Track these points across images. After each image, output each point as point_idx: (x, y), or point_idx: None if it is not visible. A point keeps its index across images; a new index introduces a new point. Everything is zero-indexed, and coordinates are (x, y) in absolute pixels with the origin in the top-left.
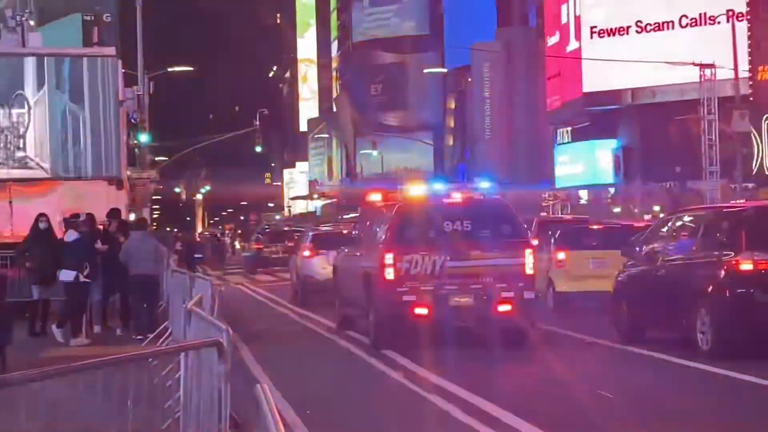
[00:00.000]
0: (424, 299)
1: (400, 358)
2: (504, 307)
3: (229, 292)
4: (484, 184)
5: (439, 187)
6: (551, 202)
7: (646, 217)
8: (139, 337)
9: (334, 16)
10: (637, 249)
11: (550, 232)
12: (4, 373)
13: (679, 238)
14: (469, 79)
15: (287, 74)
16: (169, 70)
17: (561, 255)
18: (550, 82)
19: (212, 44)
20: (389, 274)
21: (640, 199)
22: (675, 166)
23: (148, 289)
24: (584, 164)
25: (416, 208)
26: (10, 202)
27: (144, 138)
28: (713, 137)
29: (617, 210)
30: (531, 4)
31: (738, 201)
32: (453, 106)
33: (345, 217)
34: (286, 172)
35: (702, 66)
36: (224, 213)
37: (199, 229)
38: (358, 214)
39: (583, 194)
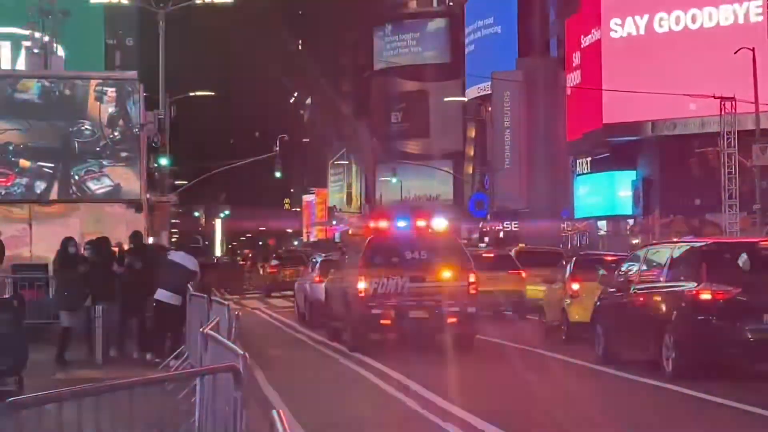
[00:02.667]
0: (389, 313)
1: (414, 384)
2: (451, 320)
3: (245, 317)
4: (440, 222)
5: (402, 223)
6: (570, 233)
7: None
8: (156, 360)
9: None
10: (614, 278)
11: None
12: (21, 395)
13: (649, 269)
14: (490, 108)
15: (308, 100)
16: (191, 94)
17: (575, 285)
18: (570, 112)
19: (233, 69)
20: (361, 292)
21: (659, 231)
22: (695, 199)
23: (173, 317)
24: (603, 195)
25: (384, 240)
26: (30, 223)
27: (164, 161)
28: (733, 170)
29: (636, 241)
30: (552, 34)
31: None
32: (473, 134)
33: None
34: (305, 198)
35: (722, 99)
36: (243, 238)
37: (218, 254)
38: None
39: (602, 225)
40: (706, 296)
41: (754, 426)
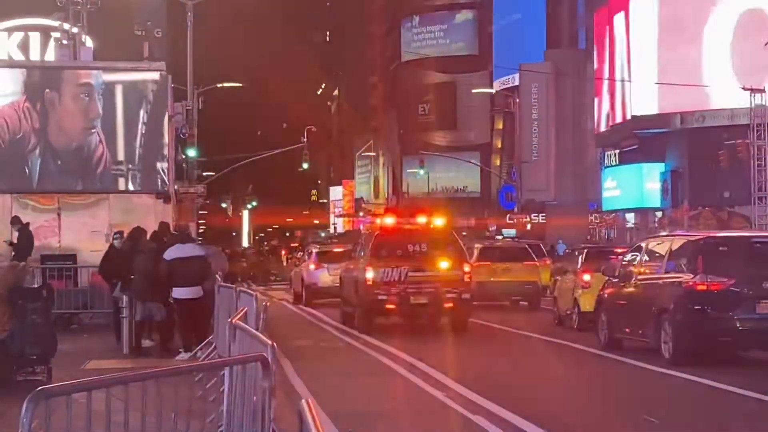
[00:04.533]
0: (393, 299)
1: (440, 376)
2: (448, 305)
3: (272, 307)
4: (439, 219)
5: (404, 219)
6: (597, 225)
7: None
8: (184, 350)
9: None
10: (617, 269)
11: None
12: (49, 383)
13: (649, 261)
14: (517, 100)
15: (335, 92)
16: (219, 86)
17: (586, 276)
18: (599, 104)
19: (261, 60)
20: (369, 281)
21: (687, 224)
22: (723, 191)
23: (199, 309)
24: (632, 187)
25: (389, 235)
26: (59, 213)
27: (192, 153)
28: (762, 163)
29: (664, 234)
30: (580, 26)
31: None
32: (501, 126)
33: None
34: (332, 189)
35: (752, 90)
36: (270, 229)
37: (245, 244)
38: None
39: (630, 217)
40: (702, 287)
41: (743, 405)
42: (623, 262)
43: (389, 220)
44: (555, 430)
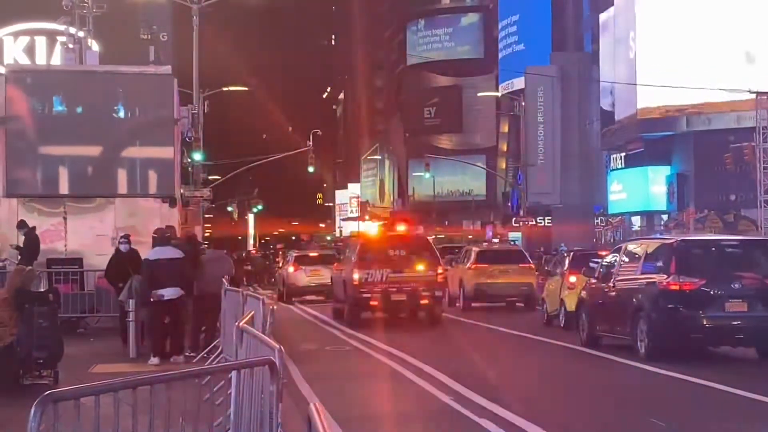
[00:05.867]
0: (376, 296)
1: (450, 381)
2: (423, 301)
3: (278, 311)
4: (420, 228)
5: (385, 228)
6: (603, 228)
7: None
8: (191, 354)
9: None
10: (596, 270)
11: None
12: (56, 387)
13: (627, 263)
14: (523, 103)
15: (341, 95)
16: (224, 89)
17: (572, 278)
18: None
19: (267, 64)
20: (355, 281)
21: (693, 227)
22: (729, 194)
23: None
24: (637, 191)
25: (373, 241)
26: (65, 217)
27: (198, 156)
28: None
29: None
30: (586, 29)
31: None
32: (506, 129)
33: None
34: (338, 193)
35: (758, 93)
36: (275, 233)
37: (251, 248)
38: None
39: (636, 221)
40: (674, 287)
41: (710, 395)
42: (602, 265)
43: (401, 228)
44: (521, 413)
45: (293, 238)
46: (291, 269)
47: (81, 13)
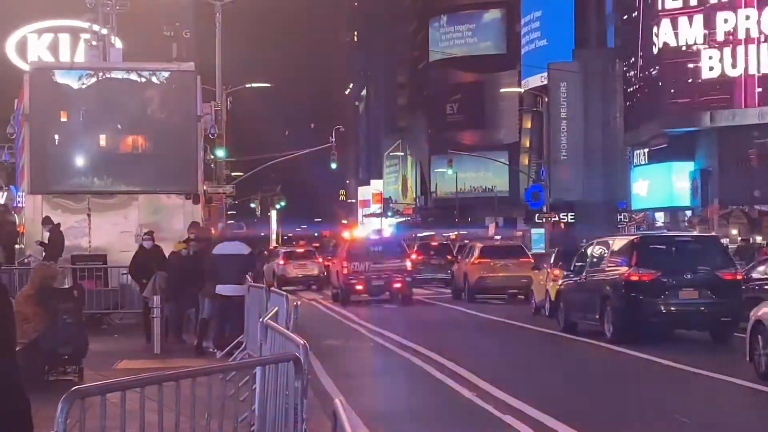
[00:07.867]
0: (361, 282)
1: (473, 377)
2: (397, 285)
3: (301, 307)
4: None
5: (367, 231)
6: (626, 224)
7: (723, 241)
8: (213, 350)
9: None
10: (572, 264)
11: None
12: (81, 383)
13: (596, 257)
14: (546, 99)
15: (363, 92)
16: (247, 86)
17: (556, 271)
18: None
19: (289, 60)
20: (345, 271)
21: (717, 223)
22: (754, 190)
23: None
24: (661, 186)
25: (357, 241)
26: (89, 214)
27: (220, 153)
28: None
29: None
30: (609, 25)
31: None
32: (529, 125)
33: (419, 235)
34: (360, 189)
35: None
36: (298, 229)
37: (274, 244)
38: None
39: (659, 217)
40: (634, 278)
41: (667, 373)
42: (576, 259)
43: (357, 234)
44: (499, 385)
45: (315, 234)
46: (281, 263)
47: (104, 11)
